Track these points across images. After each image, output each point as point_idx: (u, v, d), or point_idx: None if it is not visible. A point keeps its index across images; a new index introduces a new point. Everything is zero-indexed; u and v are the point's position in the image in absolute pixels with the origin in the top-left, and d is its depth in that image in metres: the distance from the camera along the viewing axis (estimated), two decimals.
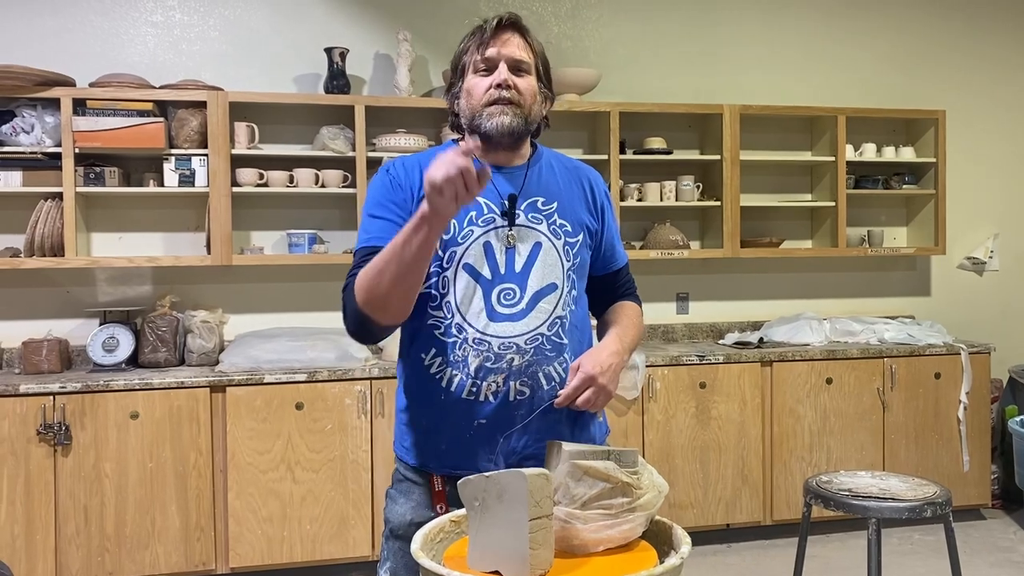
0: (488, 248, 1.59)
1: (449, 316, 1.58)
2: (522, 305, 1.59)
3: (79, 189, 3.51)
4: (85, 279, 3.80)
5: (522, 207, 1.62)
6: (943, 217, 4.45)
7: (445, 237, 1.57)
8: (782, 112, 4.28)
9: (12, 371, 3.65)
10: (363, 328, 1.53)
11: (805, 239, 4.57)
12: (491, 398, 1.57)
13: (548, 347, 1.60)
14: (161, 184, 3.64)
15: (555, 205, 1.65)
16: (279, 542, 3.43)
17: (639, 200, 4.13)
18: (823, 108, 4.32)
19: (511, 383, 1.57)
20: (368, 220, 1.61)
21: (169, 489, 3.35)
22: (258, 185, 3.73)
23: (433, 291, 1.59)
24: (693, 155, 4.33)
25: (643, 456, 3.76)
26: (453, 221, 1.57)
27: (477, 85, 1.59)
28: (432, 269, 1.57)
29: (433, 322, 1.59)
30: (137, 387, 3.33)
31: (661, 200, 4.15)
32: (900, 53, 4.69)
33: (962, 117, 4.69)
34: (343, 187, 3.80)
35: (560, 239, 1.63)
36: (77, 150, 3.48)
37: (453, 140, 1.65)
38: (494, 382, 1.57)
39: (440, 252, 1.57)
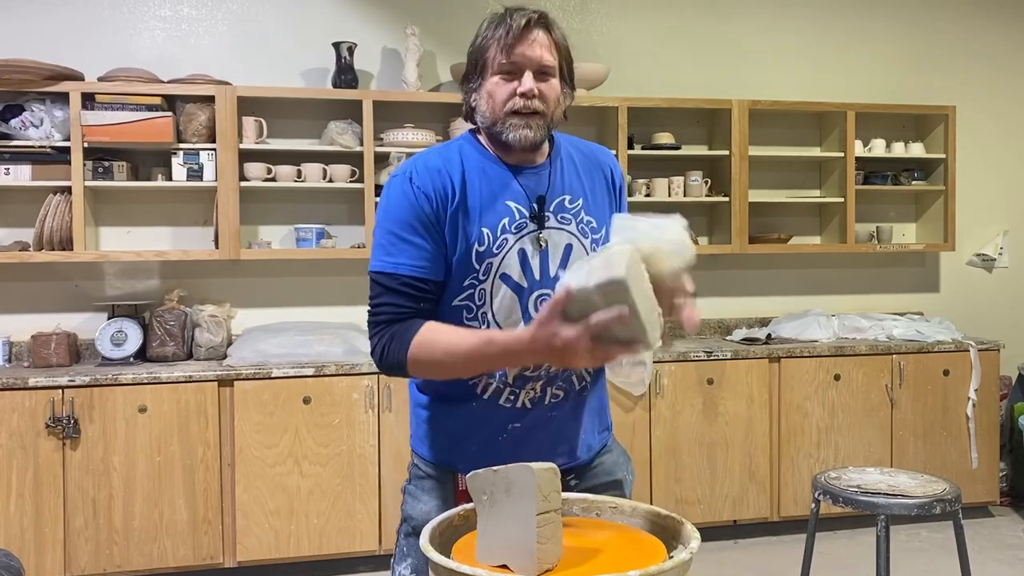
0: (523, 255, 1.54)
1: (486, 327, 1.54)
2: None
3: (88, 183, 3.52)
4: (93, 273, 3.81)
5: (551, 208, 1.57)
6: (952, 213, 4.43)
7: (480, 249, 1.51)
8: (791, 107, 4.26)
9: (21, 364, 3.66)
10: (398, 375, 1.51)
11: (814, 235, 4.56)
12: (528, 404, 1.57)
13: None
14: (169, 178, 3.65)
15: (581, 202, 1.60)
16: (286, 536, 3.44)
17: (647, 195, 4.12)
18: (832, 103, 4.30)
19: (548, 388, 1.57)
20: (391, 239, 1.50)
21: (177, 483, 3.36)
22: (266, 180, 3.73)
23: (469, 302, 1.54)
24: (701, 150, 4.31)
25: (650, 453, 3.76)
26: (486, 230, 1.51)
27: (500, 90, 1.51)
28: (467, 282, 1.53)
29: None
30: (145, 381, 3.34)
31: (669, 195, 4.14)
32: (910, 48, 4.66)
33: (972, 113, 4.66)
34: (351, 182, 3.80)
35: (588, 237, 1.60)
36: (86, 144, 3.48)
37: (470, 131, 1.62)
38: (532, 389, 1.56)
39: (476, 264, 1.52)
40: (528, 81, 1.49)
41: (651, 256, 1.33)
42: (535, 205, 1.56)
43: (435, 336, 1.46)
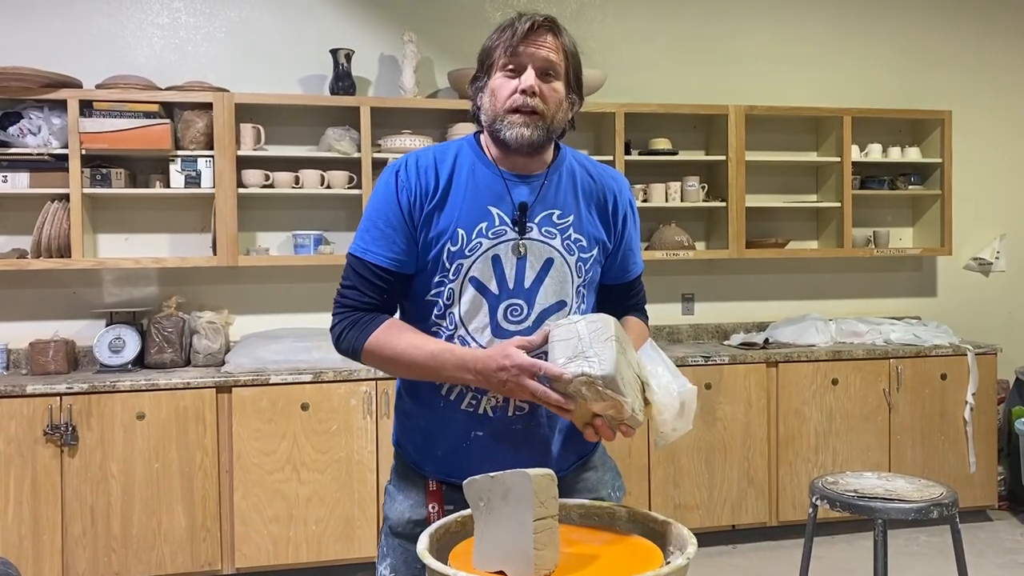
0: (496, 262, 1.53)
1: (452, 328, 1.54)
2: (528, 323, 1.54)
3: (85, 190, 3.52)
4: (91, 280, 3.81)
5: (536, 219, 1.55)
6: (949, 218, 4.44)
7: (452, 249, 1.52)
8: (787, 112, 4.27)
9: (19, 372, 3.66)
10: (350, 358, 1.58)
11: (811, 240, 4.56)
12: (490, 412, 1.56)
13: None
14: (167, 185, 3.65)
15: (571, 219, 1.58)
16: (285, 542, 3.44)
17: (644, 201, 4.13)
18: (828, 108, 4.31)
19: (511, 400, 1.55)
20: (369, 226, 1.55)
21: (175, 490, 3.36)
22: (264, 186, 3.73)
23: (439, 300, 1.55)
24: (698, 156, 4.32)
25: (648, 458, 3.76)
26: (461, 231, 1.52)
27: (502, 87, 1.51)
28: (437, 279, 1.54)
29: (436, 330, 1.56)
30: (143, 388, 3.34)
31: (666, 201, 4.14)
32: (906, 53, 4.68)
33: (968, 117, 4.68)
34: (349, 188, 3.80)
35: (573, 255, 1.58)
36: (84, 151, 3.49)
37: (475, 135, 1.62)
38: (494, 397, 1.55)
39: (447, 264, 1.53)
40: (529, 78, 1.50)
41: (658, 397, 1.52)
42: (516, 211, 1.55)
43: (394, 335, 1.51)
